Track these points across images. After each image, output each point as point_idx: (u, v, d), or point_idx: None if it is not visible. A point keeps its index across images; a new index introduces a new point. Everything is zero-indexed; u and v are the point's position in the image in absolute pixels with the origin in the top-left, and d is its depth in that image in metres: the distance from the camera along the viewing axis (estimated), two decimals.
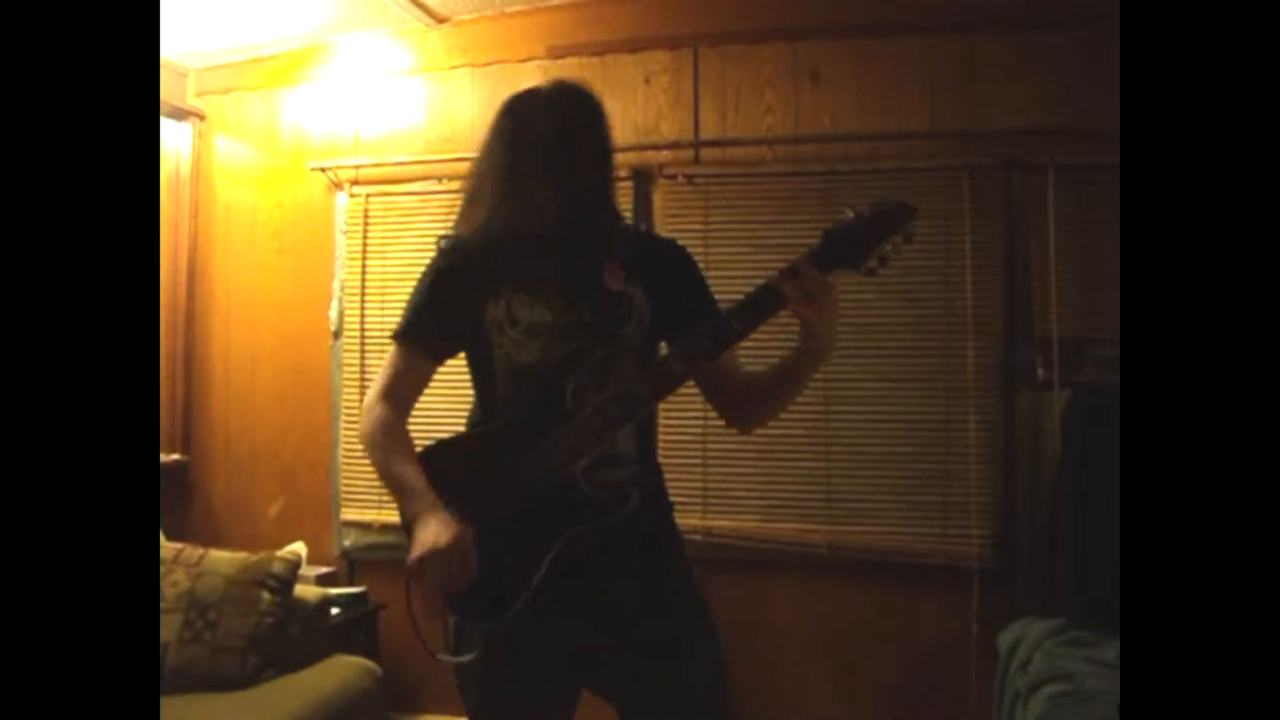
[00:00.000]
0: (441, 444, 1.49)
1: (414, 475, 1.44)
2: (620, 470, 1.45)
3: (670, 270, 1.57)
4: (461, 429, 1.58)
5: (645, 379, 1.41)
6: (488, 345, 1.48)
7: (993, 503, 2.79)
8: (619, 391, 1.39)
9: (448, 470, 1.44)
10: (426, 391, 1.57)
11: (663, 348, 1.56)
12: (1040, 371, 2.76)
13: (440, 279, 1.53)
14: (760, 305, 1.35)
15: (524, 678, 1.46)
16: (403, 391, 1.54)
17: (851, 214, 1.37)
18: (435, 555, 1.32)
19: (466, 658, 1.45)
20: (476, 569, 1.35)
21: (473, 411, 1.57)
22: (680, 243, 1.65)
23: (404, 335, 1.53)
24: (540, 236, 1.44)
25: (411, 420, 1.55)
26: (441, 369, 1.58)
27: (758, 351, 1.63)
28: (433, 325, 1.52)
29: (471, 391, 1.58)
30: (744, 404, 1.56)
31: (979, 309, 2.81)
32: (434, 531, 1.34)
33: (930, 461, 2.83)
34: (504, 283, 1.47)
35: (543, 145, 1.45)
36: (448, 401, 2.52)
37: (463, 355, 1.57)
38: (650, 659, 1.45)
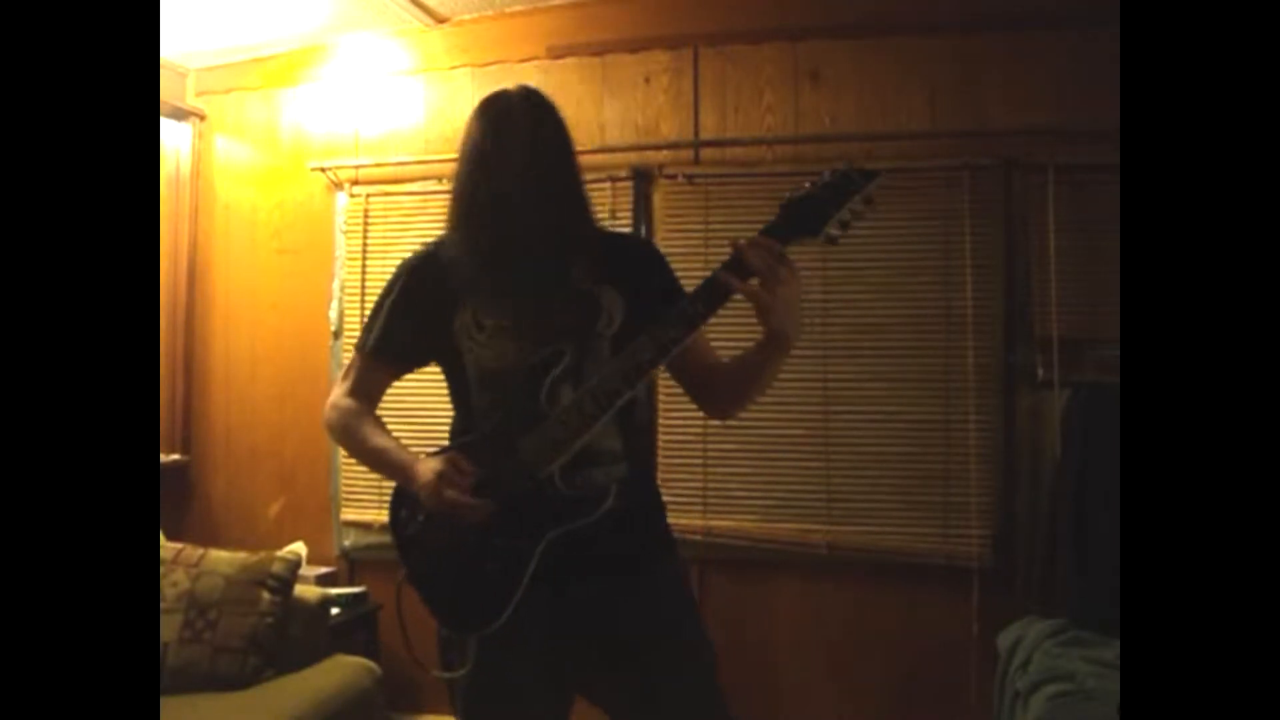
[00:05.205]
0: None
1: (391, 443, 1.50)
2: (603, 470, 1.44)
3: (642, 269, 1.56)
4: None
5: (617, 370, 1.38)
6: (457, 353, 1.49)
7: (993, 503, 2.79)
8: (593, 386, 1.38)
9: None
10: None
11: None
12: (1040, 371, 2.76)
13: (405, 292, 1.53)
14: (722, 283, 1.33)
15: (514, 685, 1.45)
16: (367, 394, 1.57)
17: (808, 185, 1.39)
18: (441, 481, 1.37)
19: (459, 673, 1.44)
20: (474, 470, 1.39)
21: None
22: (652, 242, 1.65)
23: (370, 349, 1.55)
24: (502, 244, 1.42)
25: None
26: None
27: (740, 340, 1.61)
28: (399, 338, 1.54)
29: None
30: (713, 392, 1.55)
31: (979, 309, 2.80)
32: (424, 472, 1.40)
33: (930, 461, 2.83)
34: (469, 291, 1.47)
35: (483, 157, 1.43)
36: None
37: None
38: (639, 663, 1.44)
